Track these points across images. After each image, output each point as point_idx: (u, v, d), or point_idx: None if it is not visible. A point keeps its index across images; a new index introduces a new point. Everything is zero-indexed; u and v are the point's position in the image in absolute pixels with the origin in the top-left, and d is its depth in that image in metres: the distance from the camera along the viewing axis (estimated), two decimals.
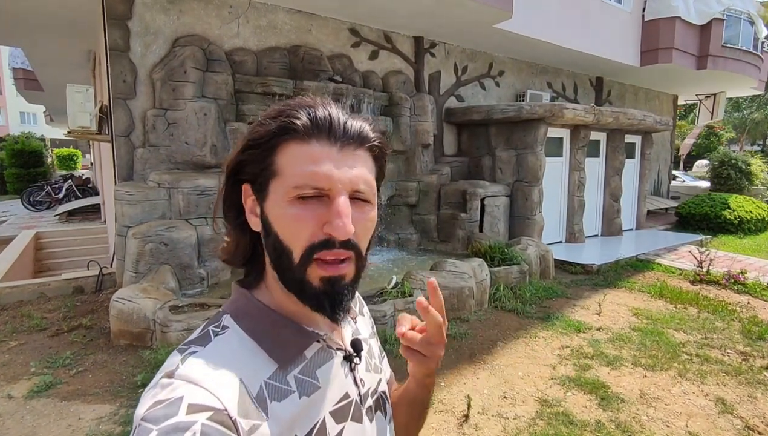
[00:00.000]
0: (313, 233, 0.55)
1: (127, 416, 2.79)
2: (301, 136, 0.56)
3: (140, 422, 0.47)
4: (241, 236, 0.63)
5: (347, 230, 0.54)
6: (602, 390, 3.19)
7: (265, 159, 0.57)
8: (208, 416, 0.47)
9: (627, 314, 4.73)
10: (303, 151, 0.56)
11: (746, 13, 10.12)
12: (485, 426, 2.79)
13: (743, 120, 27.64)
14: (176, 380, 0.50)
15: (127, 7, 4.93)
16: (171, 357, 0.55)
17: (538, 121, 6.82)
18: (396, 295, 4.24)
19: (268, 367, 0.57)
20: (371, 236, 0.62)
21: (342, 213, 0.54)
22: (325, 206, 0.56)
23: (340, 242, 0.55)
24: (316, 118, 0.57)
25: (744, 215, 9.35)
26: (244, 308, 0.62)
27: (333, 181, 0.55)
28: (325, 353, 0.64)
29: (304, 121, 0.56)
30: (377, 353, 0.79)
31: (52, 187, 12.57)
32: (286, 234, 0.56)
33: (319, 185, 0.55)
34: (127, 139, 5.03)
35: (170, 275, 4.32)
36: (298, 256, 0.56)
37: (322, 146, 0.56)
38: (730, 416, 2.93)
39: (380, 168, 0.64)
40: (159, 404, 0.47)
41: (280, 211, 0.56)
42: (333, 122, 0.57)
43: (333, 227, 0.54)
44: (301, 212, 0.55)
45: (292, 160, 0.56)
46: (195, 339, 0.58)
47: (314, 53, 5.98)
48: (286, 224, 0.56)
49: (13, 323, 4.19)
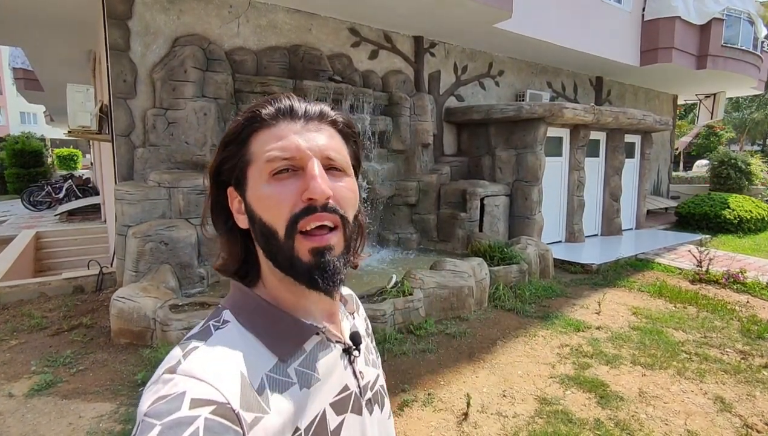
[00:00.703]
0: (294, 204, 0.57)
1: (127, 415, 2.79)
2: (268, 123, 0.60)
3: (143, 417, 0.47)
4: (231, 241, 0.65)
5: (323, 190, 0.56)
6: (601, 389, 3.20)
7: (240, 151, 0.61)
8: (211, 410, 0.48)
9: (626, 313, 4.73)
10: (270, 133, 0.60)
11: (746, 13, 10.12)
12: (484, 424, 2.80)
13: (743, 120, 27.63)
14: (178, 375, 0.50)
15: (127, 7, 4.94)
16: (172, 352, 0.55)
17: (537, 121, 6.83)
18: (396, 294, 4.24)
19: (268, 360, 0.58)
20: (355, 206, 0.63)
21: (316, 175, 0.57)
22: (301, 178, 0.58)
23: (320, 206, 0.57)
24: (279, 107, 0.61)
25: (744, 215, 9.35)
26: (242, 303, 0.63)
27: (301, 150, 0.58)
28: (325, 346, 0.64)
29: (268, 110, 0.61)
30: (374, 349, 0.80)
31: (53, 187, 12.57)
32: (268, 213, 0.58)
33: (288, 155, 0.58)
34: (128, 138, 5.04)
35: (170, 274, 4.33)
36: (283, 230, 0.57)
37: (287, 124, 0.60)
38: (728, 414, 2.93)
39: (353, 149, 0.66)
40: (162, 399, 0.48)
41: (259, 193, 0.59)
42: (294, 106, 0.62)
43: (309, 190, 0.56)
44: (278, 188, 0.58)
45: (261, 144, 0.60)
46: (196, 334, 0.58)
47: (314, 53, 5.98)
48: (266, 203, 0.58)
49: (13, 322, 4.19)
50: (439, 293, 4.42)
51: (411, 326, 4.16)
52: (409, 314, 4.21)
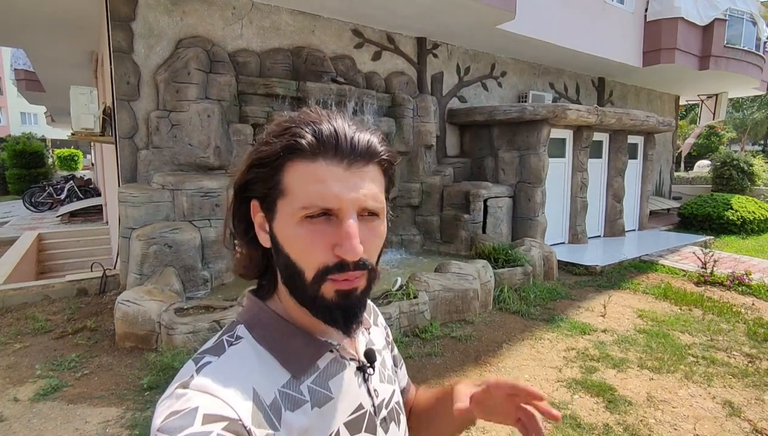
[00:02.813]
0: (324, 254, 0.55)
1: (133, 420, 2.78)
2: (307, 155, 0.55)
3: (156, 433, 0.47)
4: (252, 251, 0.64)
5: (357, 252, 0.54)
6: (609, 393, 3.18)
7: (272, 178, 0.57)
8: (223, 426, 0.48)
9: (632, 316, 4.72)
10: (310, 171, 0.55)
11: (748, 14, 10.10)
12: (492, 429, 2.78)
13: (744, 120, 27.61)
14: (191, 391, 0.51)
15: (130, 9, 4.92)
16: (185, 367, 0.56)
17: (541, 122, 6.82)
18: (401, 297, 4.23)
19: (282, 376, 0.58)
20: (381, 248, 0.62)
21: (351, 235, 0.54)
22: (334, 226, 0.55)
23: (353, 263, 0.55)
24: (321, 136, 0.56)
25: (747, 216, 9.34)
26: (257, 317, 0.62)
27: (341, 202, 0.55)
28: (338, 364, 0.64)
29: (309, 139, 0.55)
30: (390, 363, 0.79)
31: (54, 188, 12.56)
32: (297, 255, 0.57)
33: (327, 206, 0.55)
34: (131, 140, 5.02)
35: (174, 277, 4.31)
36: (311, 277, 0.56)
37: (329, 165, 0.55)
38: (737, 419, 2.92)
39: (389, 179, 0.64)
40: (174, 414, 0.48)
41: (290, 232, 0.56)
42: (339, 139, 0.56)
43: (343, 250, 0.54)
44: (310, 234, 0.55)
45: (299, 180, 0.55)
46: (209, 349, 0.59)
47: (317, 54, 5.97)
48: (296, 245, 0.56)
49: (17, 325, 4.18)
50: (444, 295, 4.40)
51: (416, 329, 4.15)
52: (414, 317, 4.19)
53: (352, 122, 0.59)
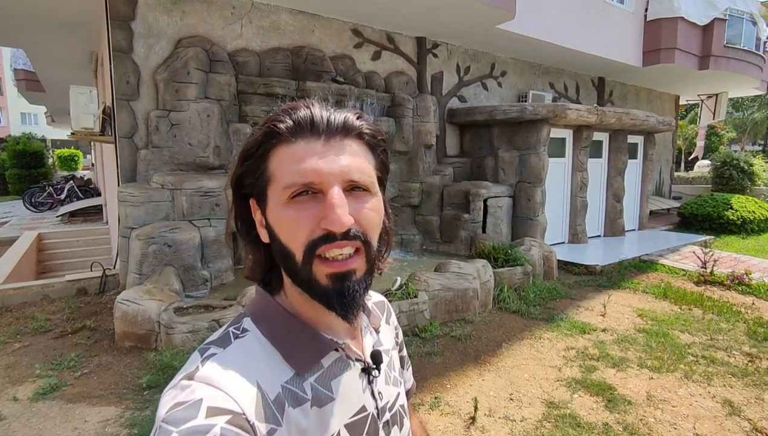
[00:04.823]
0: (312, 230, 0.55)
1: (132, 419, 2.78)
2: (286, 139, 0.57)
3: (161, 423, 0.47)
4: (256, 250, 0.64)
5: (342, 222, 0.54)
6: (609, 392, 3.18)
7: (259, 167, 0.58)
8: (227, 420, 0.48)
9: (632, 315, 4.71)
10: (289, 152, 0.56)
11: (748, 13, 10.10)
12: (492, 428, 2.78)
13: (744, 120, 27.61)
14: (196, 382, 0.51)
15: (130, 9, 4.92)
16: (191, 358, 0.56)
17: (541, 122, 6.81)
18: (401, 296, 4.23)
19: (286, 372, 0.58)
20: (379, 225, 0.60)
21: (335, 205, 0.54)
22: (320, 203, 0.55)
23: (341, 234, 0.54)
24: (298, 118, 0.57)
25: (747, 216, 9.33)
26: (264, 311, 0.62)
27: (322, 175, 0.55)
28: (343, 363, 0.63)
29: (287, 123, 0.57)
30: (398, 365, 0.78)
31: (54, 188, 12.56)
32: (286, 236, 0.57)
33: (307, 181, 0.55)
34: (131, 140, 5.02)
35: (174, 277, 4.31)
36: (300, 255, 0.56)
37: (307, 143, 0.56)
38: (737, 418, 2.92)
39: (380, 159, 0.63)
40: (179, 405, 0.48)
41: (278, 215, 0.57)
42: (315, 118, 0.57)
43: (328, 220, 0.54)
44: (296, 212, 0.55)
45: (280, 163, 0.57)
46: (215, 340, 0.59)
47: (317, 54, 5.97)
48: (284, 226, 0.56)
49: (17, 325, 4.18)
50: (443, 295, 4.40)
51: (416, 328, 4.15)
52: (414, 317, 4.19)
53: (331, 108, 0.60)
